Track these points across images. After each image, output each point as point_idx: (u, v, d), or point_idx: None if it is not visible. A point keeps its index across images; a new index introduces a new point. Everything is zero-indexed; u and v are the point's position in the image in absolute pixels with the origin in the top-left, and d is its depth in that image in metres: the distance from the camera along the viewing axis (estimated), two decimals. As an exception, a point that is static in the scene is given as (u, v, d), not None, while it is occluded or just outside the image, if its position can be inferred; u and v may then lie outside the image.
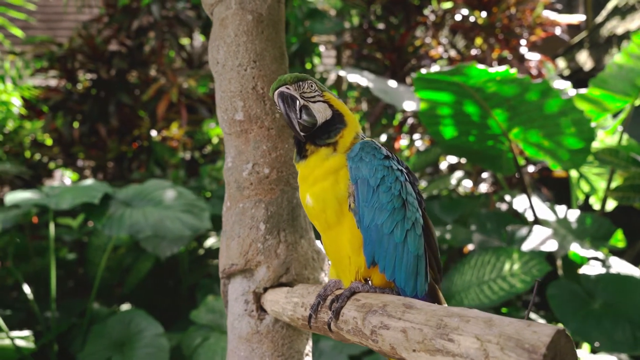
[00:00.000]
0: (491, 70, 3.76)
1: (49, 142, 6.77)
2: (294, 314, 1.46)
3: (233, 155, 1.73)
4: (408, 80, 6.29)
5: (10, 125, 6.18)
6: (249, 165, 1.69)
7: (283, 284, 1.66)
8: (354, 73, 4.99)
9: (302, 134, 1.35)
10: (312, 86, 1.39)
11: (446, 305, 1.38)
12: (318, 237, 1.82)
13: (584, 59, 7.35)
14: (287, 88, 1.37)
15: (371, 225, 1.30)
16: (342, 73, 5.18)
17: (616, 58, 4.46)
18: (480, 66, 3.74)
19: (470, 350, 0.95)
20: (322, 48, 7.62)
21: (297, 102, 1.35)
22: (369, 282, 1.34)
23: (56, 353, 4.27)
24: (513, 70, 3.75)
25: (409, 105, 4.57)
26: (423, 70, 4.01)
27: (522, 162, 5.51)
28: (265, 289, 1.67)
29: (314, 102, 1.38)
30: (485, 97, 3.96)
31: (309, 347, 1.72)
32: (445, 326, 1.01)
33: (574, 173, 5.20)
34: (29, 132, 6.49)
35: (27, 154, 6.63)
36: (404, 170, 1.38)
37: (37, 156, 6.72)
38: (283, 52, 1.76)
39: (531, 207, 4.59)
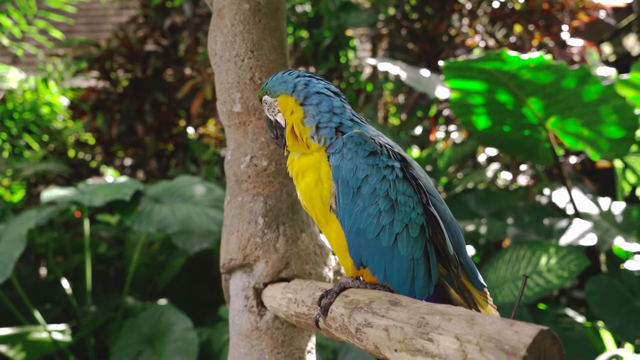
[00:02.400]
0: (524, 56, 3.59)
1: (91, 141, 6.96)
2: (287, 310, 1.41)
3: (232, 147, 1.69)
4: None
5: (59, 123, 6.39)
6: (247, 158, 1.65)
7: (283, 279, 1.61)
8: (385, 62, 4.89)
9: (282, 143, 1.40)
10: (266, 102, 1.38)
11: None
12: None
13: (632, 43, 6.98)
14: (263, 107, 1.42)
15: (353, 228, 1.21)
16: (372, 61, 5.08)
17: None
18: (512, 53, 3.58)
19: (449, 351, 0.88)
20: (356, 41, 7.53)
21: (271, 121, 1.40)
22: (361, 278, 1.27)
23: (93, 346, 4.38)
24: (548, 56, 3.57)
25: (442, 92, 4.43)
26: (442, 62, 3.88)
27: (560, 152, 5.28)
28: (266, 285, 1.63)
29: (276, 116, 1.37)
30: (519, 84, 3.79)
31: (311, 344, 1.67)
32: (426, 324, 0.94)
33: (618, 163, 4.94)
34: (72, 131, 6.70)
35: (71, 153, 6.84)
36: (396, 166, 1.25)
37: (81, 155, 6.92)
38: (282, 42, 1.71)
39: (571, 199, 4.39)
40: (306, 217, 1.68)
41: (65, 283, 4.49)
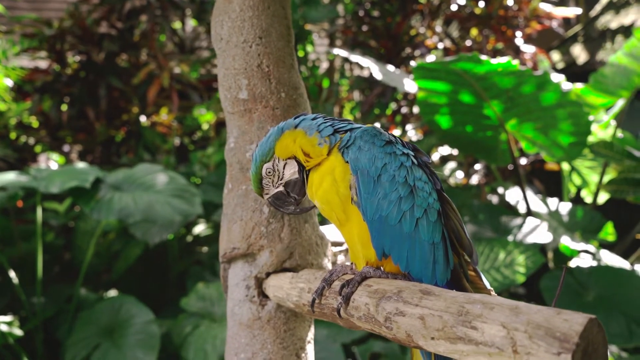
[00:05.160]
0: (494, 61, 3.72)
1: (35, 124, 6.63)
2: (299, 299, 1.41)
3: (236, 135, 1.66)
4: (402, 69, 6.24)
5: (1, 105, 6.03)
6: (253, 146, 1.62)
7: (286, 270, 1.61)
8: (355, 54, 4.94)
9: (303, 208, 1.45)
10: (268, 169, 1.38)
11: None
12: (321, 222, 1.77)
13: (578, 52, 7.35)
14: (266, 195, 1.41)
15: (375, 217, 1.24)
16: (343, 53, 5.10)
17: (618, 54, 4.43)
18: (482, 57, 3.70)
19: (496, 338, 0.90)
20: (314, 36, 7.53)
21: (281, 195, 1.40)
22: (382, 268, 1.29)
23: (42, 339, 4.18)
24: (515, 62, 3.72)
25: (410, 86, 4.50)
26: (414, 63, 3.96)
27: (517, 154, 5.50)
28: (268, 274, 1.61)
29: (284, 173, 1.38)
30: (484, 87, 3.92)
31: (311, 334, 1.67)
32: (467, 313, 0.97)
33: (566, 166, 5.20)
34: (15, 113, 6.34)
35: (12, 135, 6.49)
36: (410, 153, 1.31)
37: (23, 139, 6.57)
38: (289, 29, 1.69)
39: (525, 198, 4.58)
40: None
41: (11, 273, 4.27)
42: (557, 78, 4.98)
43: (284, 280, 1.51)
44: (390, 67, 4.92)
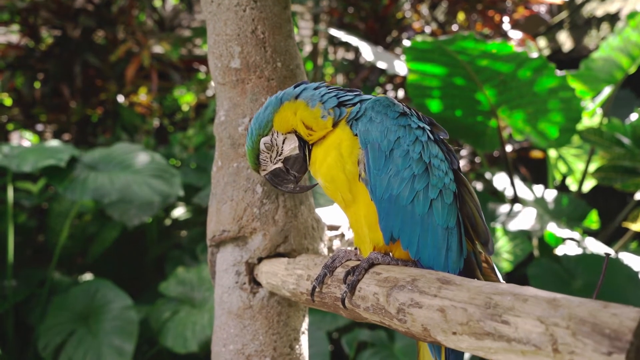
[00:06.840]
0: (489, 42, 3.62)
1: (7, 102, 6.36)
2: (297, 287, 1.29)
3: (227, 108, 1.52)
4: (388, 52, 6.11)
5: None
6: (246, 120, 1.49)
7: (280, 255, 1.48)
8: (344, 34, 4.81)
9: (303, 186, 1.36)
10: (266, 143, 1.26)
11: None
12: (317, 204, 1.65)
13: (564, 39, 7.31)
14: (263, 171, 1.30)
15: (385, 196, 1.12)
16: (338, 34, 4.96)
17: (610, 42, 4.37)
18: (477, 38, 3.60)
19: (532, 334, 0.79)
20: (297, 18, 7.36)
21: (282, 175, 1.30)
22: (390, 254, 1.17)
23: (13, 323, 4.01)
24: (510, 44, 3.63)
25: (401, 68, 4.38)
26: (408, 42, 3.84)
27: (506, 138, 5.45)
28: (260, 260, 1.49)
29: (283, 148, 1.27)
30: (477, 70, 3.82)
31: (305, 325, 1.56)
32: (496, 306, 0.86)
33: (552, 153, 5.15)
34: (-16, 90, 6.07)
35: (-18, 113, 6.22)
36: (426, 127, 1.19)
37: (-5, 116, 6.31)
38: (286, -6, 1.56)
39: (512, 184, 4.53)
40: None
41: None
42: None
43: (279, 267, 1.38)
44: (379, 48, 4.81)
